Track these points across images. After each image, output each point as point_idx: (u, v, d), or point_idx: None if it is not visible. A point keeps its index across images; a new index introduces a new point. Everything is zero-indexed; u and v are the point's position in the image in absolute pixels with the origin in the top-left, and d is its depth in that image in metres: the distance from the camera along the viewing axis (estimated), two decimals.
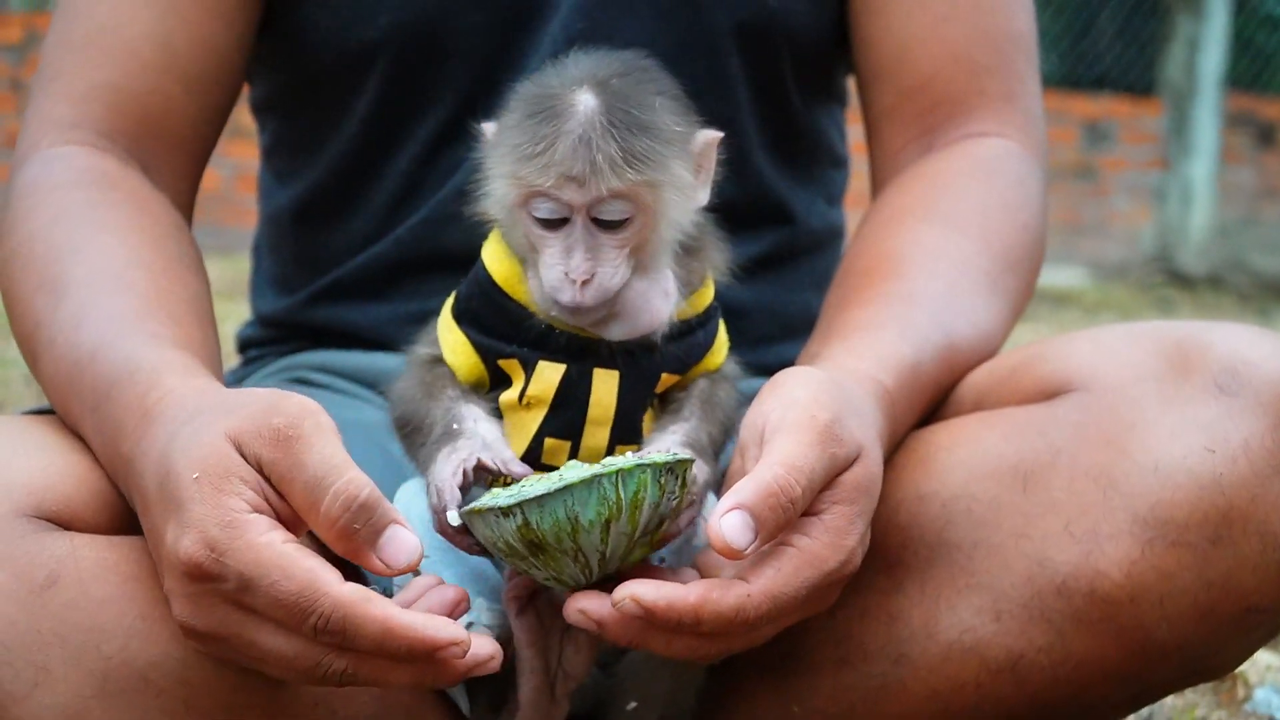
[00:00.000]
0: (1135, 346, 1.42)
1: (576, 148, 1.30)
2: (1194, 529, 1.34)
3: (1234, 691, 2.08)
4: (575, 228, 1.33)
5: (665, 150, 1.33)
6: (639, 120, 1.32)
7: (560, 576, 1.28)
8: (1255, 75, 10.28)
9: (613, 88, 1.32)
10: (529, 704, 1.35)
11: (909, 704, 1.44)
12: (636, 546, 1.29)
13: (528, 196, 1.33)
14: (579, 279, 1.32)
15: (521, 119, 1.33)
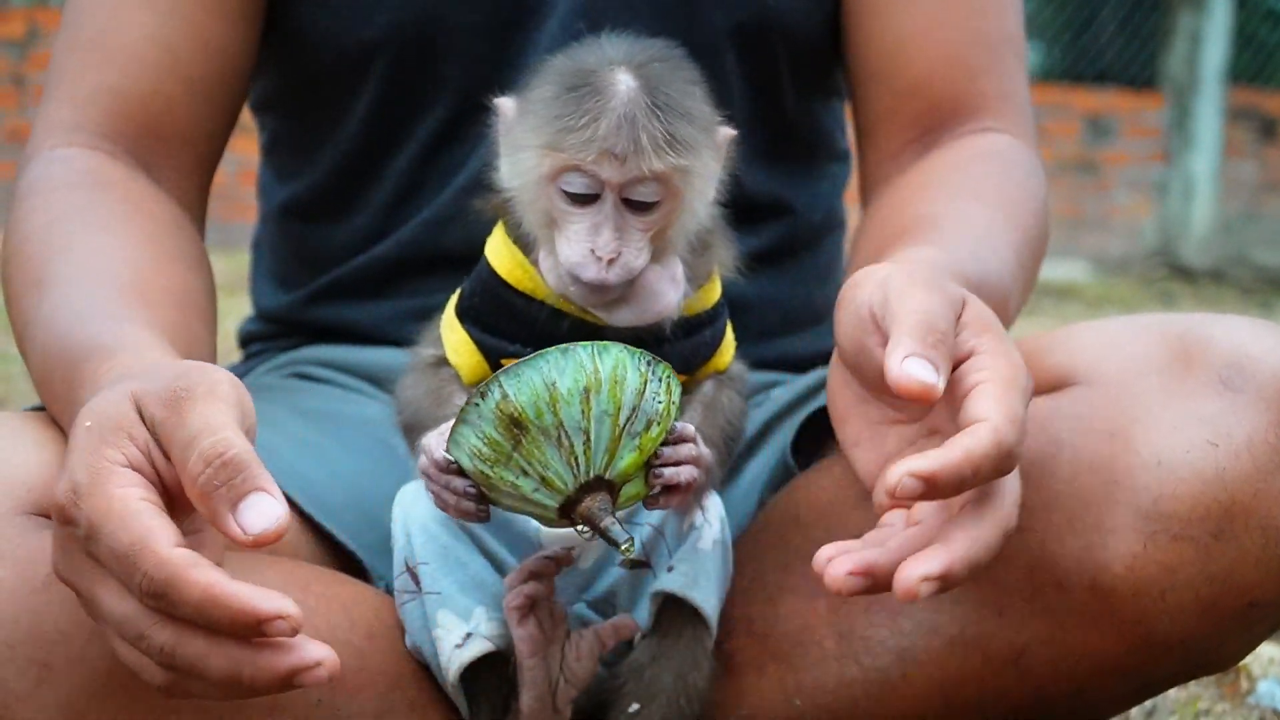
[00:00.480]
0: (1138, 340, 1.41)
1: (621, 125, 1.29)
2: (1196, 523, 1.34)
3: (1237, 684, 2.08)
4: (605, 206, 1.32)
5: (701, 138, 1.33)
6: (680, 105, 1.32)
7: (547, 476, 1.25)
8: (1258, 69, 10.28)
9: (651, 71, 1.32)
10: (531, 714, 1.35)
11: (912, 698, 1.44)
12: (624, 443, 1.26)
13: (560, 170, 1.31)
14: (605, 257, 1.31)
15: (559, 92, 1.32)
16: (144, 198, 1.59)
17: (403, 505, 1.42)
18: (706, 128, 1.35)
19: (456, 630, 1.36)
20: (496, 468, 1.26)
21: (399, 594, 1.41)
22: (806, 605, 1.49)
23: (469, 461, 1.27)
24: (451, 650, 1.36)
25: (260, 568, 1.38)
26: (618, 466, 1.27)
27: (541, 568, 1.34)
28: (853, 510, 1.48)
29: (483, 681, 1.38)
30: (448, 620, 1.37)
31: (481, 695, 1.38)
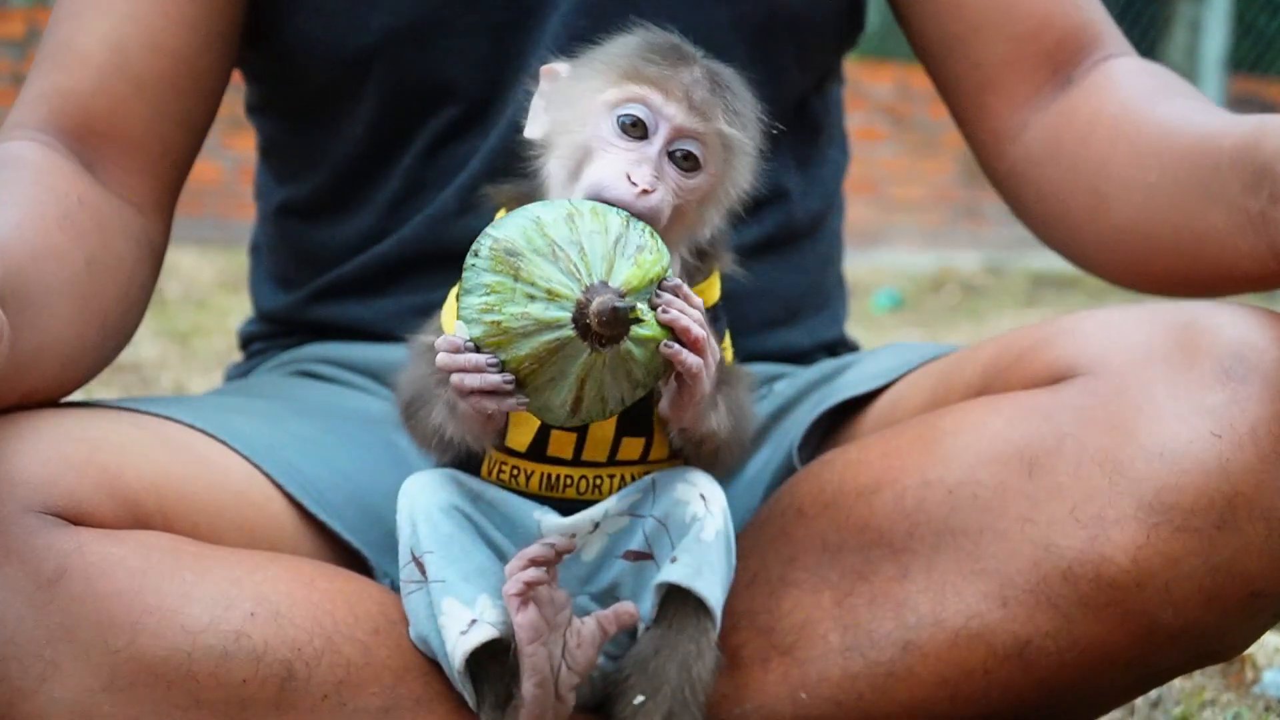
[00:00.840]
0: (1141, 330, 1.41)
1: (698, 80, 1.36)
2: (1200, 514, 1.34)
3: (1242, 674, 2.08)
4: (653, 147, 1.35)
5: (750, 129, 1.39)
6: (744, 98, 1.39)
7: (552, 288, 1.27)
8: (1258, 58, 10.27)
9: (717, 70, 1.39)
10: (532, 701, 1.35)
11: (917, 691, 1.44)
12: (620, 259, 1.28)
13: (624, 99, 1.35)
14: (642, 185, 1.33)
15: (642, 42, 1.39)
16: (54, 173, 1.55)
17: (408, 495, 1.42)
18: (755, 126, 1.40)
19: (461, 617, 1.36)
20: (506, 307, 1.27)
21: (404, 584, 1.41)
22: (810, 599, 1.48)
23: (480, 327, 1.28)
24: (456, 637, 1.36)
25: (265, 562, 1.39)
26: (618, 276, 1.28)
27: (542, 555, 1.34)
28: (855, 502, 1.48)
29: (487, 670, 1.38)
30: (452, 608, 1.37)
31: (486, 684, 1.38)
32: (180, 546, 1.36)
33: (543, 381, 1.29)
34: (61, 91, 1.63)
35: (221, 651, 1.31)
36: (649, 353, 1.30)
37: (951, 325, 6.12)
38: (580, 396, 1.30)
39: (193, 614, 1.31)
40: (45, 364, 1.42)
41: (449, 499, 1.40)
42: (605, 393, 1.30)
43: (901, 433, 1.51)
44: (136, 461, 1.39)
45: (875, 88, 8.86)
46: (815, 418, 1.65)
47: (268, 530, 1.49)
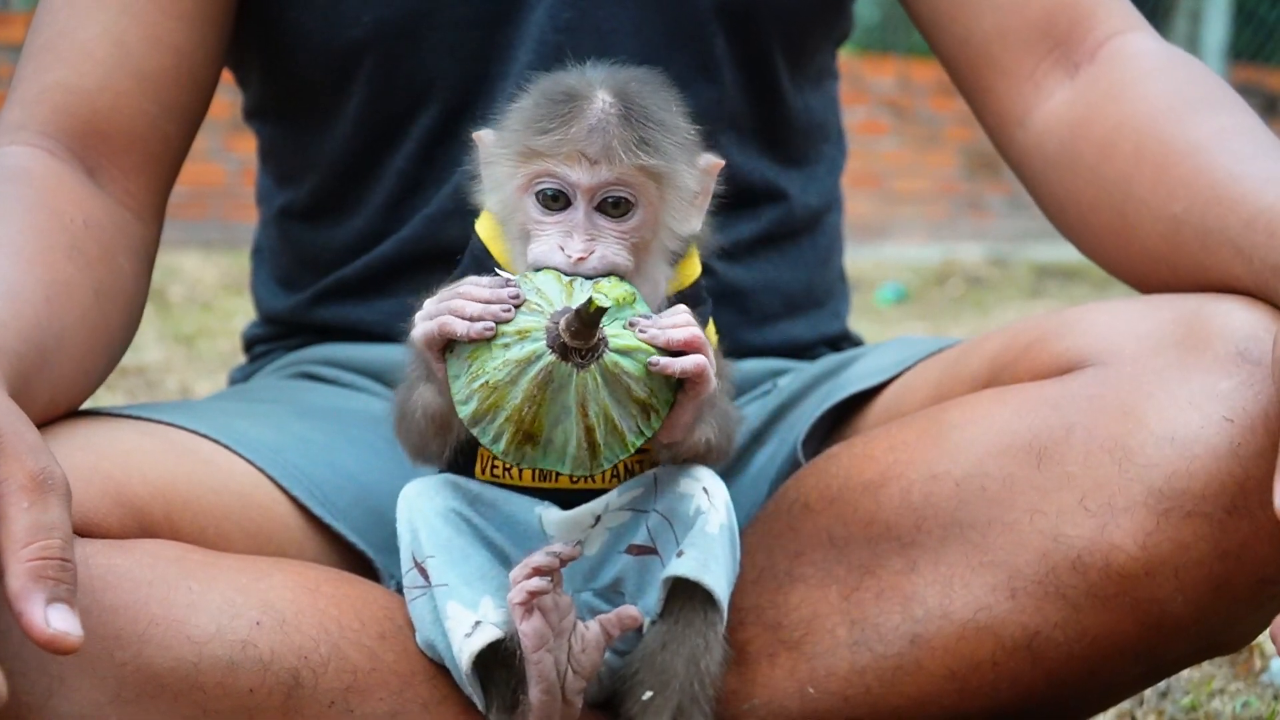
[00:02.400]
0: (1149, 319, 1.41)
1: (593, 128, 1.33)
2: (1210, 499, 1.33)
3: (1250, 663, 2.08)
4: (577, 214, 1.34)
5: (676, 149, 1.36)
6: (654, 115, 1.35)
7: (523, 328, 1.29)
8: (1259, 46, 10.26)
9: (630, 89, 1.35)
10: (539, 706, 1.35)
11: (926, 684, 1.44)
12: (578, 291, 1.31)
13: (534, 178, 1.34)
14: (575, 256, 1.33)
15: (535, 102, 1.36)
16: (60, 192, 1.54)
17: (407, 502, 1.42)
18: (682, 142, 1.37)
19: (465, 620, 1.36)
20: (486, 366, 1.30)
21: (408, 590, 1.41)
22: (817, 593, 1.48)
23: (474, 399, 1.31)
24: (462, 640, 1.36)
25: (269, 571, 1.39)
26: (580, 299, 1.29)
27: (546, 564, 1.34)
28: (862, 497, 1.48)
29: (494, 673, 1.38)
30: (456, 611, 1.37)
31: (493, 687, 1.38)
32: (185, 555, 1.35)
33: (549, 425, 1.31)
34: (63, 88, 1.62)
35: (228, 661, 1.31)
36: (641, 365, 1.31)
37: (956, 317, 6.12)
38: (590, 428, 1.31)
39: (199, 624, 1.31)
40: (58, 408, 1.43)
41: (447, 503, 1.41)
42: (615, 420, 1.31)
43: (908, 426, 1.51)
44: (142, 469, 1.39)
45: (877, 81, 8.85)
46: (821, 413, 1.65)
47: (274, 534, 1.49)
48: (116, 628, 1.28)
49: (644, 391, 1.31)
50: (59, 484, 1.18)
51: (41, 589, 1.14)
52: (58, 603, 1.15)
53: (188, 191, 7.15)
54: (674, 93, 1.40)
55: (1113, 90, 1.63)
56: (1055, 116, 1.66)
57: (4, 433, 1.18)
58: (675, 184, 1.36)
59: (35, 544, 1.15)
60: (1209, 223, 1.45)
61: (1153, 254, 1.52)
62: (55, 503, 1.17)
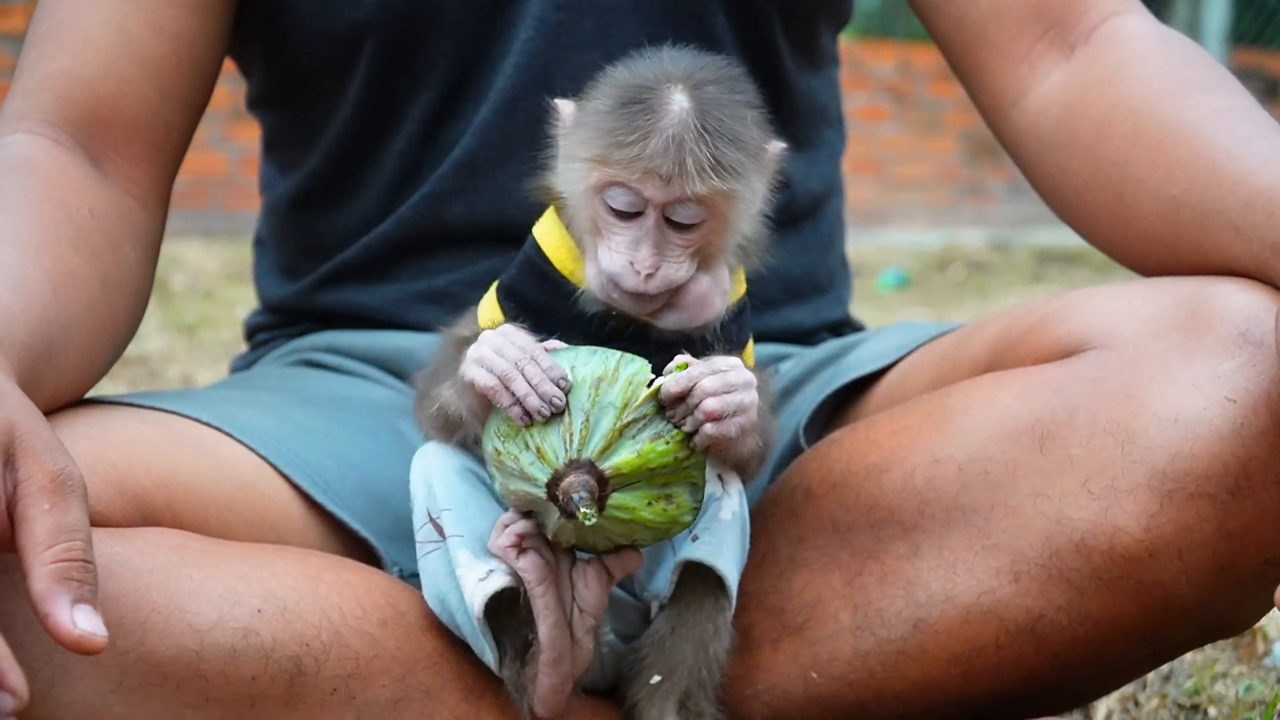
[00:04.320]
0: (1151, 302, 1.41)
1: (669, 146, 1.30)
2: (1214, 480, 1.33)
3: (1253, 646, 2.08)
4: (647, 222, 1.33)
5: (749, 164, 1.34)
6: (731, 130, 1.33)
7: (543, 448, 1.30)
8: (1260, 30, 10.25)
9: (708, 93, 1.33)
10: (550, 643, 1.36)
11: (929, 668, 1.44)
12: (624, 441, 1.30)
13: (606, 184, 1.33)
14: (644, 271, 1.33)
15: (614, 106, 1.33)
16: (65, 181, 1.55)
17: (423, 460, 1.44)
18: (755, 151, 1.35)
19: (478, 567, 1.37)
20: (507, 443, 1.31)
21: (421, 546, 1.41)
22: (820, 578, 1.48)
23: (491, 445, 1.33)
24: (475, 584, 1.37)
25: (271, 557, 1.39)
26: (611, 459, 1.30)
27: None
28: (864, 481, 1.48)
29: (504, 624, 1.39)
30: (469, 560, 1.38)
31: (504, 636, 1.39)
32: (187, 543, 1.35)
33: (532, 513, 1.35)
34: (67, 76, 1.62)
35: (230, 649, 1.31)
36: (627, 528, 1.33)
37: (958, 303, 6.12)
38: (558, 539, 1.35)
39: (200, 612, 1.31)
40: (62, 398, 1.43)
41: (463, 462, 1.42)
42: (588, 542, 1.35)
43: (910, 411, 1.51)
44: (144, 457, 1.39)
45: (877, 67, 8.85)
46: (822, 399, 1.64)
47: (276, 521, 1.49)
48: (119, 616, 1.28)
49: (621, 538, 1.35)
50: (77, 484, 1.19)
51: (66, 590, 1.15)
52: (82, 603, 1.16)
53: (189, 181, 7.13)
54: (748, 87, 1.38)
55: (1108, 71, 1.62)
56: (1050, 97, 1.65)
57: (22, 432, 1.19)
58: (747, 195, 1.36)
59: (58, 545, 1.16)
60: (1208, 204, 1.44)
61: (1150, 235, 1.52)
62: (75, 503, 1.18)
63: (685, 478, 1.33)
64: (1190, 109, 1.53)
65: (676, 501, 1.33)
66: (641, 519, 1.32)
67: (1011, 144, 1.71)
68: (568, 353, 1.32)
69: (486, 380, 1.31)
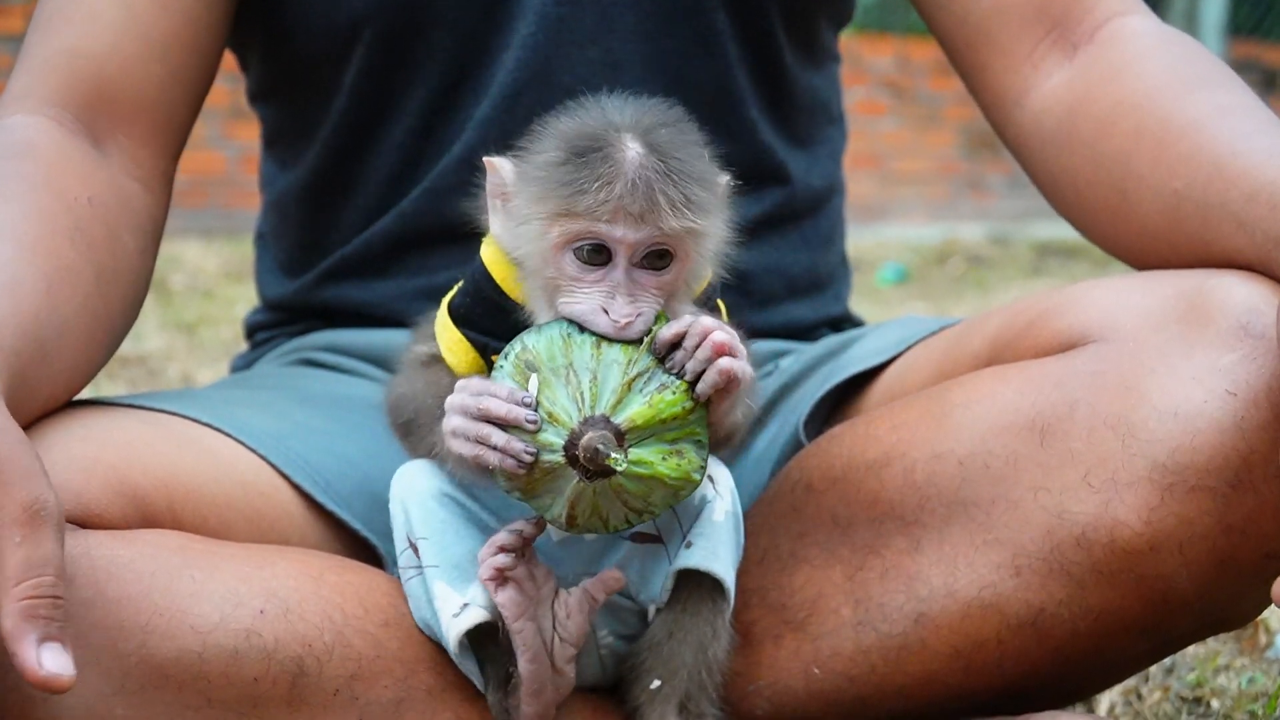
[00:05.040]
0: (1152, 294, 1.41)
1: (637, 185, 1.28)
2: (1215, 473, 1.33)
3: (1255, 639, 2.08)
4: (617, 272, 1.31)
5: (712, 201, 1.34)
6: (692, 168, 1.32)
7: (554, 411, 1.29)
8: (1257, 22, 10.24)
9: (661, 137, 1.32)
10: (529, 676, 1.35)
11: (931, 663, 1.44)
12: (633, 394, 1.30)
13: (571, 238, 1.31)
14: (622, 321, 1.31)
15: (566, 157, 1.31)
16: (65, 167, 1.53)
17: (400, 483, 1.43)
18: (716, 190, 1.35)
19: (453, 601, 1.37)
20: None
21: (403, 570, 1.41)
22: (821, 574, 1.48)
23: None
24: (449, 620, 1.37)
25: (273, 558, 1.39)
26: (625, 412, 1.29)
27: (509, 542, 1.35)
28: (865, 477, 1.48)
29: (488, 652, 1.38)
30: (444, 592, 1.38)
31: (487, 665, 1.39)
32: (188, 545, 1.35)
33: (541, 491, 1.32)
34: (72, 53, 1.62)
35: (232, 650, 1.31)
36: (645, 486, 1.31)
37: (958, 297, 6.12)
38: (574, 514, 1.32)
39: (202, 614, 1.31)
40: (57, 400, 1.43)
41: (440, 486, 1.41)
42: (602, 514, 1.33)
43: (910, 406, 1.51)
44: (144, 458, 1.39)
45: (875, 61, 8.84)
46: (822, 394, 1.64)
47: (277, 521, 1.49)
48: (120, 619, 1.29)
49: (640, 504, 1.33)
50: (52, 512, 1.18)
51: (34, 629, 1.15)
52: (49, 642, 1.15)
53: (188, 180, 7.14)
54: (692, 128, 1.36)
55: (1111, 70, 1.62)
56: (1054, 96, 1.65)
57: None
58: (711, 235, 1.35)
59: (26, 582, 1.15)
60: (1210, 198, 1.44)
61: (1151, 230, 1.52)
62: (48, 535, 1.17)
63: (691, 434, 1.32)
64: (1192, 105, 1.53)
65: (687, 457, 1.32)
66: (659, 474, 1.31)
67: (1014, 142, 1.71)
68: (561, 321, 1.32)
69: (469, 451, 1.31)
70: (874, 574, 1.46)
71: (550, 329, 1.32)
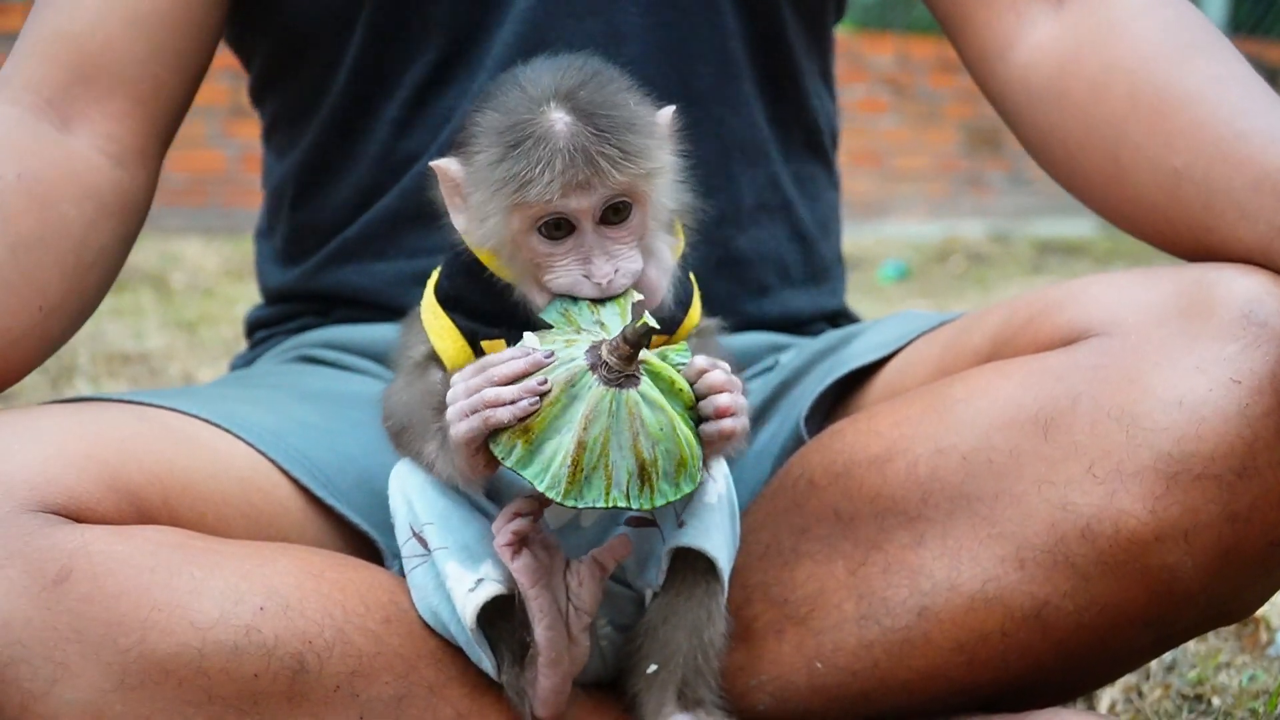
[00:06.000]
0: (1154, 289, 1.41)
1: (574, 156, 1.30)
2: (1220, 461, 1.33)
3: (1257, 636, 2.08)
4: (585, 234, 1.33)
5: (652, 141, 1.34)
6: (621, 119, 1.32)
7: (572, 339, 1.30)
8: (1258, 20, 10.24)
9: (581, 100, 1.32)
10: (546, 644, 1.36)
11: (934, 657, 1.44)
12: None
13: (533, 219, 1.33)
14: (605, 280, 1.33)
15: (502, 152, 1.32)
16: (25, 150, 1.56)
17: (399, 476, 1.44)
18: (652, 130, 1.35)
19: (467, 578, 1.37)
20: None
21: (407, 561, 1.41)
22: (824, 569, 1.48)
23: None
24: (465, 595, 1.37)
25: (274, 555, 1.39)
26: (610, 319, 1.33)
27: (525, 506, 1.35)
28: (867, 472, 1.48)
29: (499, 630, 1.39)
30: (456, 571, 1.38)
31: (500, 644, 1.39)
32: (187, 541, 1.35)
33: (547, 424, 1.29)
34: (55, 34, 1.63)
35: (232, 646, 1.31)
36: (659, 419, 1.29)
37: (958, 295, 6.12)
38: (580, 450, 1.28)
39: (202, 610, 1.31)
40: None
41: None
42: (609, 459, 1.29)
43: (912, 401, 1.50)
44: (139, 454, 1.39)
45: (876, 59, 8.84)
46: (823, 389, 1.64)
47: (275, 518, 1.49)
48: (119, 614, 1.29)
49: (649, 453, 1.29)
50: None
51: None
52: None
53: (188, 178, 7.15)
54: (611, 72, 1.37)
55: (1102, 28, 1.61)
56: (1041, 50, 1.64)
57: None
58: (663, 170, 1.36)
59: None
60: (1213, 181, 1.44)
61: (1148, 203, 1.52)
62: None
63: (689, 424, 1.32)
64: (1189, 74, 1.52)
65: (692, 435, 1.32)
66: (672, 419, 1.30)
67: (998, 96, 1.69)
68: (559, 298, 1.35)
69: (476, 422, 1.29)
70: (877, 568, 1.46)
71: (547, 313, 1.33)
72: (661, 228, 1.40)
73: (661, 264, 1.40)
